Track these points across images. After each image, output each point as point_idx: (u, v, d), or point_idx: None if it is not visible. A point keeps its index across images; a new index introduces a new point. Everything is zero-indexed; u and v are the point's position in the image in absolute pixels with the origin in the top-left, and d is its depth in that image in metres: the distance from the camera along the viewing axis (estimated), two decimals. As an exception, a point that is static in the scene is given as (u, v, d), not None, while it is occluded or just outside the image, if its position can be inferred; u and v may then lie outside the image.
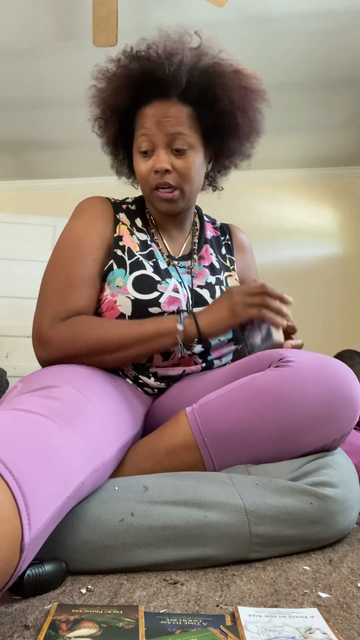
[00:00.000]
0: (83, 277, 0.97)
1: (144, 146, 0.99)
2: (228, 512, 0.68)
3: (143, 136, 0.98)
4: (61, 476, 0.56)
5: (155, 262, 1.02)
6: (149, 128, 0.97)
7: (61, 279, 0.96)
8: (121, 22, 2.13)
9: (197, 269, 1.08)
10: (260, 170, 3.94)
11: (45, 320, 0.93)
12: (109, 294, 0.98)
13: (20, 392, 0.75)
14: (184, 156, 0.98)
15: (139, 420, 0.94)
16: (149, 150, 0.99)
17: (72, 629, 0.48)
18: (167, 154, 0.98)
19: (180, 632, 0.48)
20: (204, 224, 1.18)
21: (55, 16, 2.39)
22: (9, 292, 3.53)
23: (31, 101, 3.08)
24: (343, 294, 3.86)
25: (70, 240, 1.00)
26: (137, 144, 1.01)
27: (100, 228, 1.03)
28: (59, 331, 0.91)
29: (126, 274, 0.99)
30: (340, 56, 2.64)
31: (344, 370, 0.81)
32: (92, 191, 1.15)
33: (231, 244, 1.19)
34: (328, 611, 0.55)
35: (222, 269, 1.11)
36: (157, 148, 0.98)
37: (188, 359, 1.02)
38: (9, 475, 0.48)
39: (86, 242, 1.00)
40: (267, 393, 0.78)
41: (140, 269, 0.99)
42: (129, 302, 0.96)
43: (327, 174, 3.97)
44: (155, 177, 0.99)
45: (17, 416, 0.59)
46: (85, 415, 0.70)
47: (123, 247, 1.02)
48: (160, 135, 0.97)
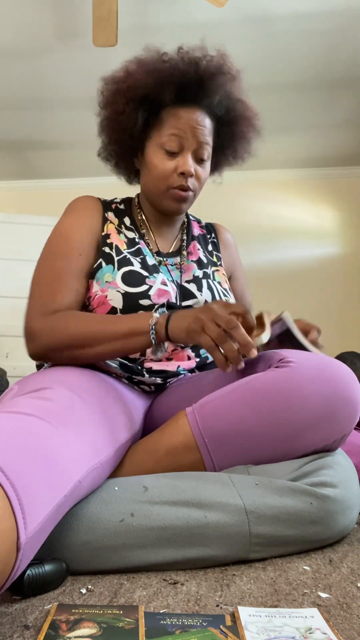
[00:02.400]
0: (70, 272, 0.98)
1: (172, 146, 1.00)
2: (228, 512, 0.68)
3: (174, 136, 1.00)
4: (56, 475, 0.56)
5: (143, 258, 1.04)
6: (183, 130, 0.99)
7: (49, 274, 0.98)
8: (121, 22, 2.13)
9: (186, 264, 1.10)
10: (260, 170, 3.94)
11: (33, 314, 0.95)
12: (98, 290, 0.99)
13: (15, 395, 0.76)
14: (203, 165, 1.05)
15: (138, 419, 0.94)
16: (175, 151, 1.01)
17: (72, 629, 0.48)
18: (192, 159, 1.02)
19: (180, 632, 0.48)
20: (191, 223, 1.21)
21: (55, 16, 2.39)
22: (9, 292, 3.53)
23: (31, 101, 3.07)
24: (343, 294, 3.86)
25: (59, 237, 1.03)
26: (162, 140, 1.01)
27: (89, 225, 1.05)
28: (43, 324, 0.93)
29: (114, 269, 1.00)
30: (340, 56, 2.63)
31: (344, 370, 0.81)
32: (92, 191, 1.15)
33: (217, 242, 1.22)
34: (328, 611, 0.55)
35: (209, 263, 1.14)
36: (184, 151, 1.01)
37: (181, 353, 1.02)
38: (2, 475, 0.48)
39: (74, 238, 1.01)
40: (267, 393, 0.78)
41: (128, 265, 1.01)
42: (119, 296, 0.97)
43: (327, 174, 3.96)
44: (178, 178, 1.01)
45: (10, 418, 0.59)
46: (80, 415, 0.70)
47: (111, 244, 1.04)
48: (192, 140, 1.00)
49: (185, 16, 2.33)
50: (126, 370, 1.00)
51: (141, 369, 1.00)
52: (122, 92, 1.02)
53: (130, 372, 1.00)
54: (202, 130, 1.00)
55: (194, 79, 0.99)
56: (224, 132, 1.08)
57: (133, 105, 1.01)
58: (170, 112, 1.00)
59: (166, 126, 1.01)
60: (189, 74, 0.99)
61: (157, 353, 0.96)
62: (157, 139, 1.02)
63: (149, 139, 1.04)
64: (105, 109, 1.07)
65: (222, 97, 1.02)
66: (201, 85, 0.99)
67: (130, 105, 1.01)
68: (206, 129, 1.01)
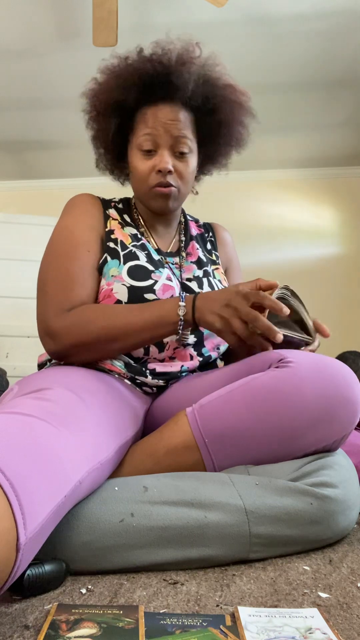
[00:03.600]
0: (81, 269, 0.98)
1: (147, 145, 1.01)
2: (228, 512, 0.68)
3: (147, 135, 1.00)
4: (56, 475, 0.56)
5: (148, 253, 1.05)
6: (155, 128, 1.00)
7: (60, 273, 0.98)
8: (121, 22, 2.13)
9: (185, 265, 1.11)
10: (260, 170, 3.94)
11: (50, 313, 0.94)
12: (104, 284, 1.00)
13: (15, 395, 0.76)
14: (184, 159, 1.03)
15: (139, 419, 0.94)
16: (151, 149, 1.01)
17: (72, 629, 0.48)
18: (170, 156, 1.01)
19: (180, 632, 0.48)
20: (188, 223, 1.21)
21: (55, 16, 2.39)
22: (9, 292, 3.53)
23: (31, 101, 3.07)
24: (343, 294, 3.86)
25: (63, 235, 1.02)
26: (138, 142, 1.02)
27: (91, 221, 1.05)
28: (65, 321, 0.92)
29: (120, 264, 1.00)
30: (340, 56, 2.63)
31: (345, 370, 0.81)
32: (92, 191, 1.15)
33: (215, 241, 1.23)
34: (328, 611, 0.55)
35: (208, 262, 1.14)
36: (160, 148, 1.01)
37: (184, 353, 1.03)
38: (1, 476, 0.48)
39: (79, 235, 1.02)
40: (267, 393, 0.78)
41: (134, 259, 1.02)
42: (125, 290, 0.97)
43: (327, 174, 3.96)
44: (156, 176, 1.01)
45: (9, 419, 0.59)
46: (79, 415, 0.70)
47: (115, 239, 1.04)
48: (166, 136, 1.00)
49: (185, 16, 2.33)
50: (130, 370, 1.00)
51: (145, 370, 1.00)
52: (94, 104, 1.05)
53: (134, 372, 1.00)
54: (175, 125, 1.00)
55: (160, 75, 0.99)
56: (209, 121, 1.06)
57: (106, 114, 1.04)
58: (142, 113, 1.02)
59: (140, 127, 1.02)
60: (151, 72, 0.99)
61: (182, 340, 1.00)
62: (134, 141, 1.04)
63: (129, 143, 1.06)
64: (89, 121, 1.10)
65: (195, 87, 1.00)
66: (167, 80, 0.99)
67: (103, 114, 1.04)
68: (181, 123, 1.00)
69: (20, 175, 4.12)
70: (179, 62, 0.99)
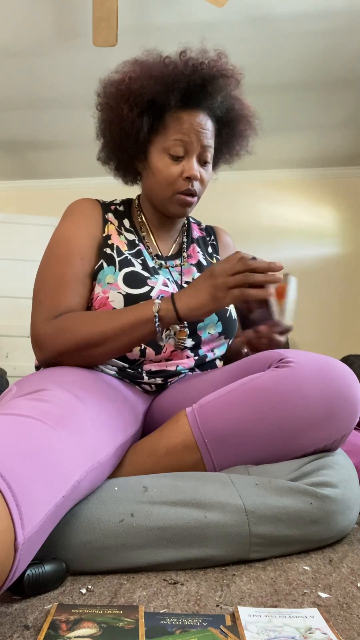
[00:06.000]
0: (73, 276, 0.98)
1: (177, 150, 1.00)
2: (228, 512, 0.68)
3: (178, 141, 0.99)
4: (54, 475, 0.56)
5: (144, 260, 1.04)
6: (188, 135, 0.99)
7: (52, 279, 0.98)
8: (121, 22, 2.13)
9: (185, 267, 1.11)
10: (260, 170, 3.94)
11: (38, 321, 0.95)
12: (100, 292, 0.99)
13: (13, 396, 0.76)
14: (207, 167, 1.05)
15: (138, 418, 0.94)
16: (181, 155, 1.01)
17: (72, 629, 0.48)
18: (196, 163, 1.02)
19: (180, 632, 0.48)
20: (191, 225, 1.21)
21: (55, 16, 2.39)
22: (9, 292, 3.53)
23: (31, 101, 3.07)
24: (343, 294, 3.86)
25: (60, 241, 1.02)
26: (166, 145, 1.00)
27: (89, 227, 1.04)
28: (48, 328, 0.92)
29: (116, 270, 1.00)
30: (340, 56, 2.63)
31: (345, 370, 0.81)
32: (92, 191, 1.15)
33: (216, 244, 1.23)
34: (328, 611, 0.55)
35: (209, 265, 1.14)
36: (189, 155, 1.01)
37: (180, 353, 1.03)
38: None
39: (74, 242, 1.01)
40: (267, 393, 0.78)
41: (130, 266, 1.01)
42: (120, 298, 0.97)
43: (327, 174, 3.96)
44: (183, 183, 1.02)
45: (7, 420, 0.60)
46: (77, 415, 0.70)
47: (112, 245, 1.04)
48: (197, 144, 1.00)
49: (185, 16, 2.33)
50: (124, 375, 1.00)
51: (141, 372, 1.00)
52: (125, 97, 1.00)
53: (129, 377, 1.00)
54: (205, 134, 1.00)
55: (198, 83, 0.99)
56: (225, 132, 1.08)
57: (138, 111, 0.99)
58: (174, 117, 1.00)
59: (171, 131, 1.00)
60: (193, 78, 0.98)
61: (166, 339, 0.99)
62: (161, 143, 1.01)
63: (152, 143, 1.03)
64: (105, 113, 1.05)
65: (223, 98, 1.02)
66: (204, 88, 0.99)
67: (134, 110, 0.99)
68: (209, 132, 1.02)
69: (20, 175, 4.12)
70: (217, 73, 1.00)
